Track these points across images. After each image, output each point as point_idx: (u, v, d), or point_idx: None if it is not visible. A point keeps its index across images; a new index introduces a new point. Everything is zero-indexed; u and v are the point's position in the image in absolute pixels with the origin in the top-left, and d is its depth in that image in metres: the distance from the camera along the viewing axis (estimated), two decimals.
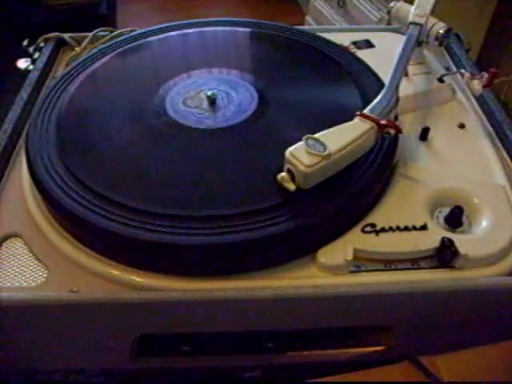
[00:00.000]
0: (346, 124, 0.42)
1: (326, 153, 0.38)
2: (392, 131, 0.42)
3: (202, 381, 0.51)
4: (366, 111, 0.43)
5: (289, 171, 0.39)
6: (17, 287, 0.40)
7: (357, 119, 0.42)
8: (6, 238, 0.43)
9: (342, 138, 0.40)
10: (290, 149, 0.39)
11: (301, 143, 0.39)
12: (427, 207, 0.43)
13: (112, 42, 0.59)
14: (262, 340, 0.45)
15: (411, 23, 0.55)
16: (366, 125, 0.42)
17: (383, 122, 0.42)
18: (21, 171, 0.49)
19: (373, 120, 0.42)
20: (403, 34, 0.55)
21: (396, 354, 0.42)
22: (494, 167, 0.48)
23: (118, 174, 0.43)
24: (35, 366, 0.47)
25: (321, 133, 0.40)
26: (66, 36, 0.65)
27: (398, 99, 0.46)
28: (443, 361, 0.39)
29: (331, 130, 0.41)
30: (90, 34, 0.65)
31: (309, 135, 0.39)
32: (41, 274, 0.41)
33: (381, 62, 0.53)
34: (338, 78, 0.53)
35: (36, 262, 0.42)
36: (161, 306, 0.39)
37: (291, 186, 0.39)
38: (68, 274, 0.41)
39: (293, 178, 0.39)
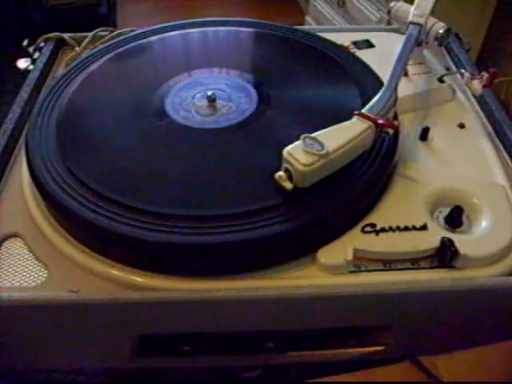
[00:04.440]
0: (344, 123, 0.42)
1: (323, 152, 0.38)
2: (390, 131, 0.42)
3: (202, 381, 0.51)
4: (364, 110, 0.43)
5: (286, 170, 0.39)
6: (17, 287, 0.40)
7: (355, 118, 0.42)
8: (5, 238, 0.43)
9: (340, 137, 0.40)
10: (288, 148, 0.39)
11: (298, 142, 0.39)
12: (427, 207, 0.43)
13: (112, 41, 0.59)
14: (262, 340, 0.45)
15: (411, 23, 0.55)
16: (363, 124, 0.42)
17: (381, 121, 0.42)
18: (21, 171, 0.49)
19: (371, 119, 0.42)
20: (403, 33, 0.55)
21: (396, 354, 0.42)
22: (494, 167, 0.48)
23: (117, 174, 0.43)
24: (35, 365, 0.47)
25: (319, 132, 0.40)
26: (66, 36, 0.65)
27: (396, 99, 0.46)
28: (443, 361, 0.39)
29: (329, 129, 0.41)
30: (90, 34, 0.65)
31: (306, 134, 0.39)
32: (41, 274, 0.41)
33: (381, 62, 0.53)
34: (338, 77, 0.53)
35: (36, 262, 0.42)
36: (161, 305, 0.39)
37: (288, 185, 0.39)
38: (68, 274, 0.41)
39: (290, 178, 0.39)
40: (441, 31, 0.54)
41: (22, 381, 0.48)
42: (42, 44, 0.64)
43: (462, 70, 0.55)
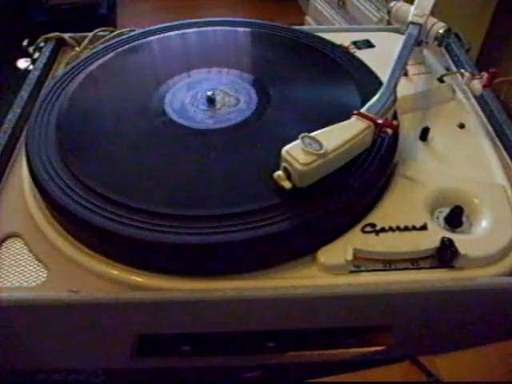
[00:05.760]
0: (343, 123, 0.42)
1: (322, 151, 0.39)
2: (389, 130, 0.42)
3: (202, 381, 0.51)
4: (363, 110, 0.43)
5: (285, 170, 0.39)
6: (17, 287, 0.40)
7: (354, 118, 0.42)
8: (5, 237, 0.43)
9: (339, 136, 0.40)
10: (287, 147, 0.39)
11: (297, 142, 0.39)
12: (427, 207, 0.43)
13: (112, 41, 0.59)
14: (262, 340, 0.45)
15: (411, 23, 0.55)
16: (362, 124, 0.42)
17: (380, 121, 0.42)
18: (21, 171, 0.49)
19: (370, 119, 0.42)
20: (403, 34, 0.55)
21: (396, 354, 0.42)
22: (494, 167, 0.48)
23: (117, 174, 0.43)
24: (35, 366, 0.47)
25: (317, 131, 0.40)
26: (66, 36, 0.65)
27: (395, 98, 0.46)
28: (443, 361, 0.40)
29: (328, 128, 0.41)
30: (90, 34, 0.65)
31: (305, 134, 0.39)
32: (41, 273, 0.41)
33: (381, 62, 0.53)
34: (337, 77, 0.53)
35: (36, 262, 0.42)
36: (161, 305, 0.39)
37: (287, 185, 0.39)
38: (68, 273, 0.41)
39: (289, 177, 0.39)
40: (441, 31, 0.54)
41: (22, 381, 0.48)
42: (42, 44, 0.64)
43: (462, 70, 0.55)
